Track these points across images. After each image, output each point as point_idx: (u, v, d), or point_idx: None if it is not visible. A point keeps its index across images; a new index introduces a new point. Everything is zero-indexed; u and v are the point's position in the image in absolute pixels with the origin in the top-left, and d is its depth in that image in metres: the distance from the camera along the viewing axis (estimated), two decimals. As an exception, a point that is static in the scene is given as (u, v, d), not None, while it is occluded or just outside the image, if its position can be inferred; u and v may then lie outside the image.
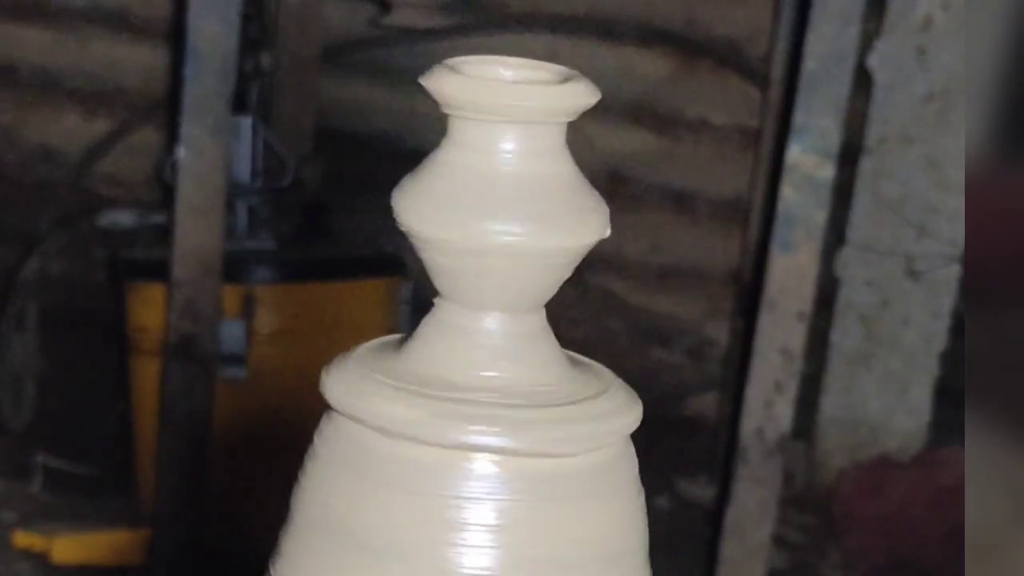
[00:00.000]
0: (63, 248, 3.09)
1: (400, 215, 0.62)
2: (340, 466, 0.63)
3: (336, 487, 0.63)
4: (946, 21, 2.78)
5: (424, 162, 0.63)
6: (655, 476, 3.05)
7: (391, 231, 0.63)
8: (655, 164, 3.22)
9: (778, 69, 3.03)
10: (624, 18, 3.17)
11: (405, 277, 2.85)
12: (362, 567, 0.62)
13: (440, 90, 0.61)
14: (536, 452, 0.61)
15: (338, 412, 0.63)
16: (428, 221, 0.61)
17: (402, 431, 0.61)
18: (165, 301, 2.51)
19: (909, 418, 2.93)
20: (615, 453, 0.64)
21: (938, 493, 2.86)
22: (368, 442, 0.62)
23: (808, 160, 2.69)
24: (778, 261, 2.69)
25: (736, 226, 3.19)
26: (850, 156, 2.82)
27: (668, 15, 3.16)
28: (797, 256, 2.68)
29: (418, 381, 0.63)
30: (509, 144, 0.61)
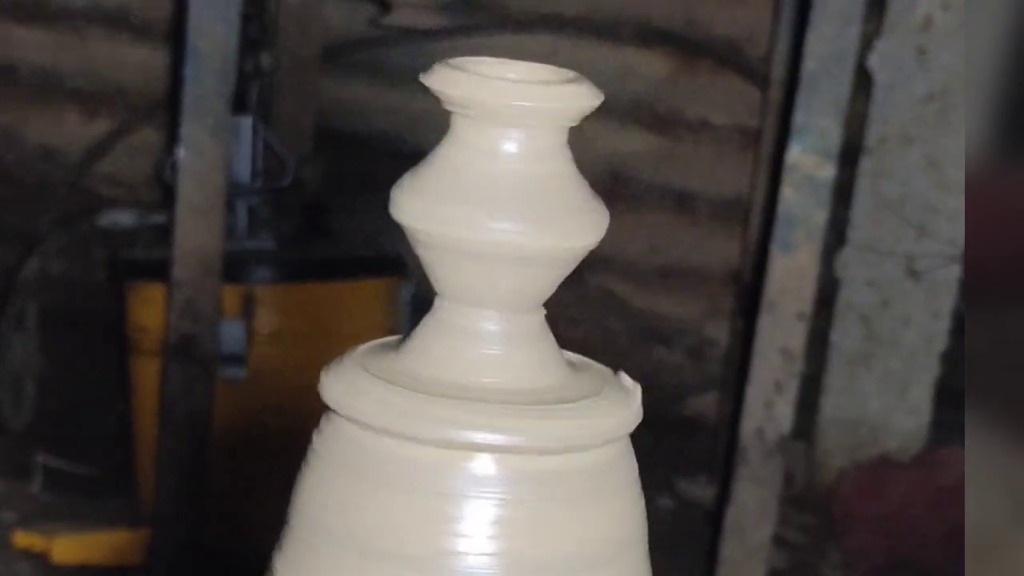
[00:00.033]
0: (63, 248, 3.09)
1: (400, 213, 0.62)
2: (339, 466, 0.63)
3: (335, 487, 0.63)
4: (946, 21, 2.78)
5: (424, 160, 0.63)
6: (655, 476, 3.05)
7: (391, 231, 0.63)
8: (655, 164, 3.22)
9: (778, 69, 3.03)
10: (624, 18, 3.17)
11: (405, 277, 2.85)
12: (361, 567, 0.62)
13: (444, 89, 0.61)
14: (536, 451, 0.61)
15: (337, 412, 0.63)
16: (428, 219, 0.61)
17: (401, 431, 0.61)
18: (165, 301, 2.51)
19: (909, 418, 2.93)
20: (615, 453, 0.64)
21: (938, 493, 2.86)
22: (367, 442, 0.62)
23: (808, 160, 2.69)
24: (778, 261, 2.69)
25: (736, 226, 3.19)
26: (850, 156, 2.82)
27: (668, 15, 3.16)
28: (797, 256, 2.68)
29: (417, 381, 0.63)
30: (511, 144, 0.61)
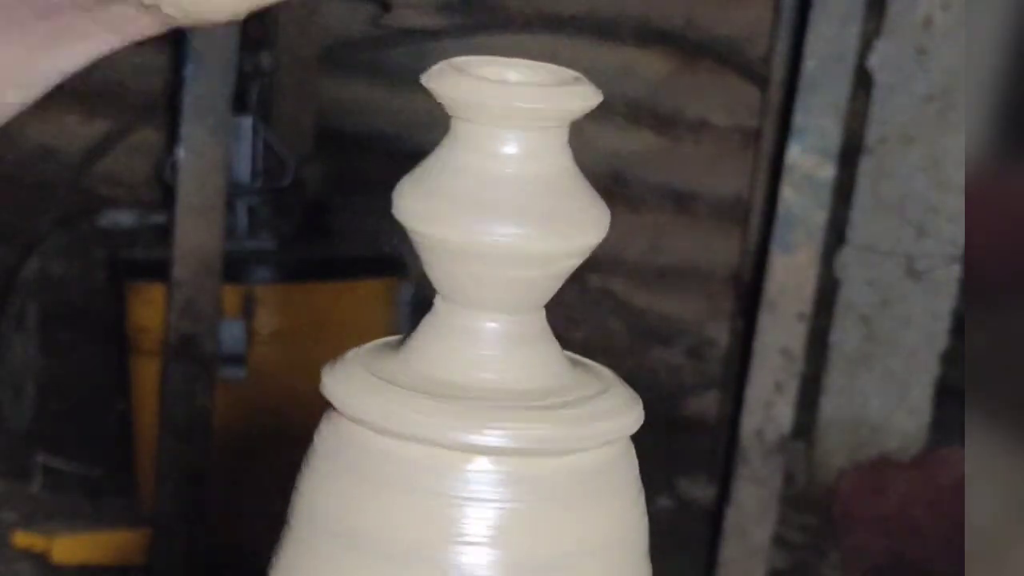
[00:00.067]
0: (63, 248, 3.09)
1: (400, 214, 0.62)
2: (340, 466, 0.63)
3: (336, 487, 0.63)
4: (946, 21, 2.78)
5: (425, 161, 0.63)
6: (655, 476, 3.05)
7: (391, 231, 0.63)
8: (655, 164, 3.22)
9: (778, 69, 3.03)
10: (624, 18, 3.17)
11: (405, 277, 2.85)
12: (362, 567, 0.62)
13: (443, 90, 0.61)
14: (536, 452, 0.61)
15: (338, 412, 0.63)
16: (428, 220, 0.61)
17: (402, 431, 0.61)
18: (165, 301, 2.51)
19: (909, 418, 2.93)
20: (615, 453, 0.64)
21: (938, 493, 2.86)
22: (368, 442, 0.62)
23: (808, 160, 2.69)
24: (778, 261, 2.69)
25: (736, 226, 3.19)
26: (850, 156, 2.82)
27: (668, 15, 3.16)
28: (797, 256, 2.68)
29: (418, 381, 0.63)
30: (511, 145, 0.61)
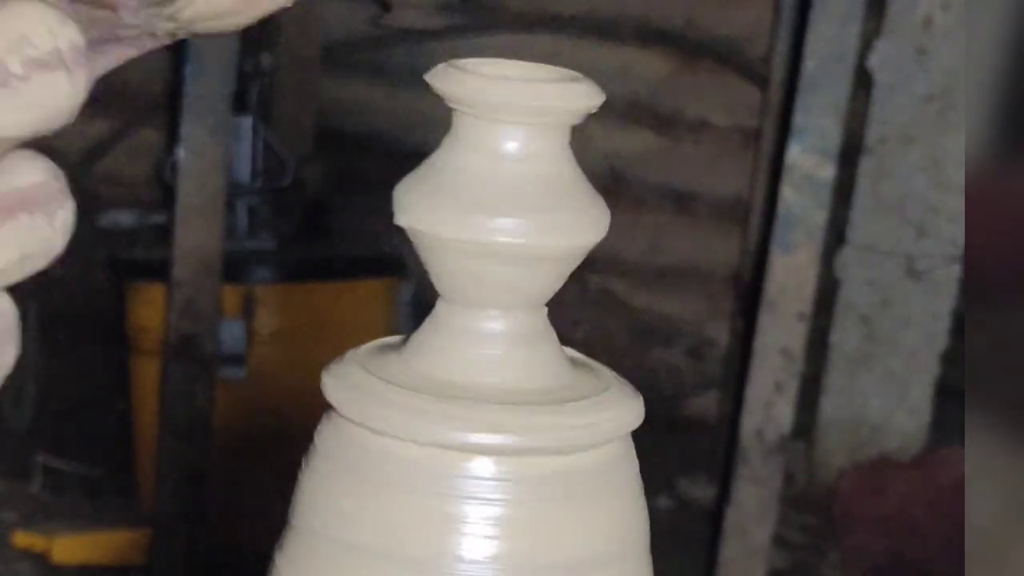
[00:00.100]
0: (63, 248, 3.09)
1: (401, 214, 0.62)
2: (340, 466, 0.63)
3: (336, 487, 0.63)
4: (946, 21, 2.78)
5: (426, 161, 0.63)
6: (655, 476, 3.05)
7: (391, 231, 0.63)
8: (655, 164, 3.22)
9: (778, 69, 3.03)
10: (624, 18, 3.17)
11: (405, 277, 2.85)
12: (361, 567, 0.62)
13: (447, 87, 0.61)
14: (536, 451, 0.61)
15: (338, 412, 0.63)
16: (428, 220, 0.61)
17: (402, 431, 0.61)
18: (165, 301, 2.51)
19: (909, 418, 2.93)
20: (616, 453, 0.64)
21: (938, 493, 2.86)
22: (368, 442, 0.62)
23: (808, 160, 2.69)
24: (778, 261, 2.69)
25: (736, 226, 3.19)
26: (850, 156, 2.82)
27: (668, 15, 3.16)
28: (797, 256, 2.68)
29: (418, 381, 0.63)
30: (512, 144, 0.61)
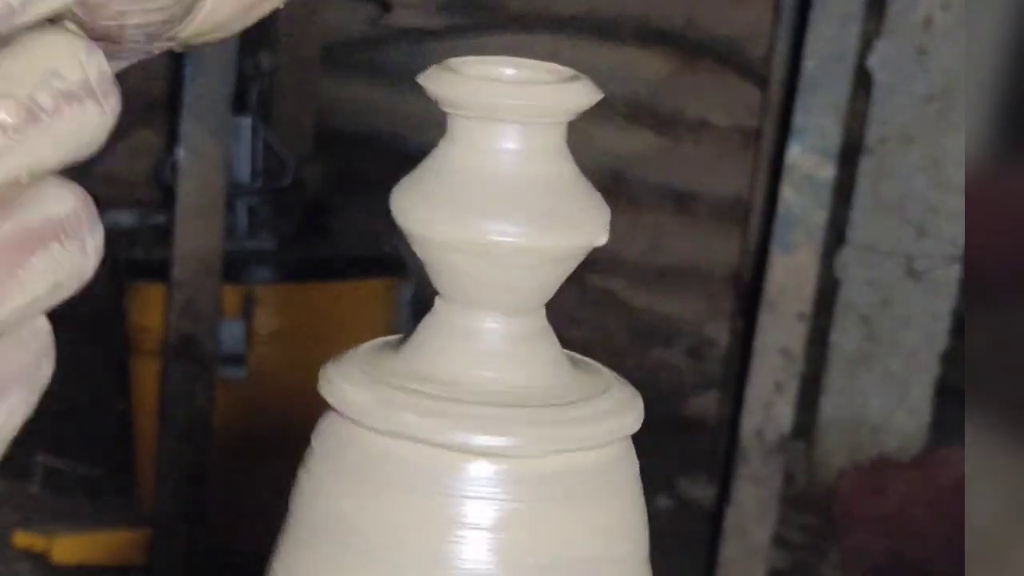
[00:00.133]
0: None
1: (399, 215, 0.62)
2: (339, 466, 0.63)
3: (335, 487, 0.63)
4: (946, 21, 2.78)
5: (423, 162, 0.63)
6: (655, 476, 3.05)
7: (391, 231, 0.63)
8: (655, 164, 3.22)
9: (778, 69, 3.03)
10: (624, 18, 3.17)
11: (405, 277, 2.85)
12: (361, 567, 0.62)
13: (439, 89, 0.61)
14: (536, 452, 0.61)
15: (337, 412, 0.63)
16: (427, 221, 0.61)
17: (401, 431, 0.61)
18: (165, 301, 2.51)
19: (909, 418, 2.93)
20: (616, 453, 0.64)
21: (938, 493, 2.86)
22: (367, 442, 0.62)
23: (808, 160, 2.69)
24: (778, 261, 2.69)
25: (736, 226, 3.19)
26: (850, 156, 2.82)
27: (668, 15, 3.16)
28: (797, 256, 2.68)
29: (418, 381, 0.63)
30: (509, 144, 0.61)
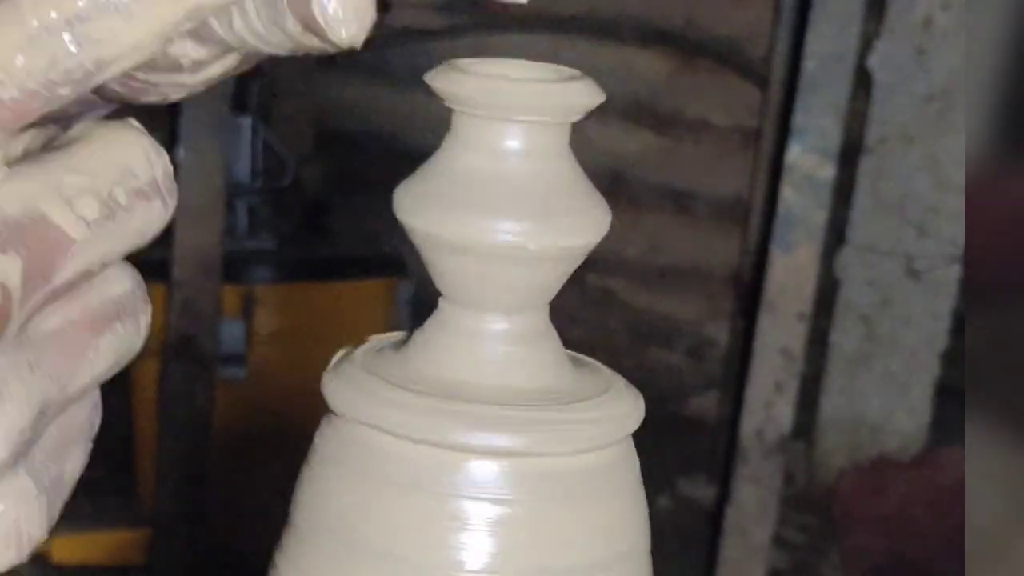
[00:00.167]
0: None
1: (402, 214, 0.62)
2: (340, 466, 0.63)
3: (336, 487, 0.63)
4: (946, 21, 2.78)
5: (427, 161, 0.63)
6: (655, 476, 3.05)
7: (391, 231, 0.63)
8: (655, 164, 3.22)
9: (778, 69, 3.03)
10: (624, 18, 3.17)
11: (405, 277, 2.85)
12: (362, 567, 0.62)
13: (446, 87, 0.61)
14: (537, 452, 0.61)
15: (338, 412, 0.63)
16: (430, 220, 0.61)
17: (403, 431, 0.61)
18: (165, 301, 2.51)
19: (909, 418, 2.93)
20: (616, 453, 0.64)
21: (938, 493, 2.86)
22: (369, 442, 0.62)
23: (808, 160, 2.69)
24: (778, 261, 2.69)
25: (736, 226, 3.19)
26: (850, 156, 2.82)
27: (668, 15, 3.16)
28: (797, 256, 2.68)
29: (419, 381, 0.63)
30: (515, 143, 0.61)
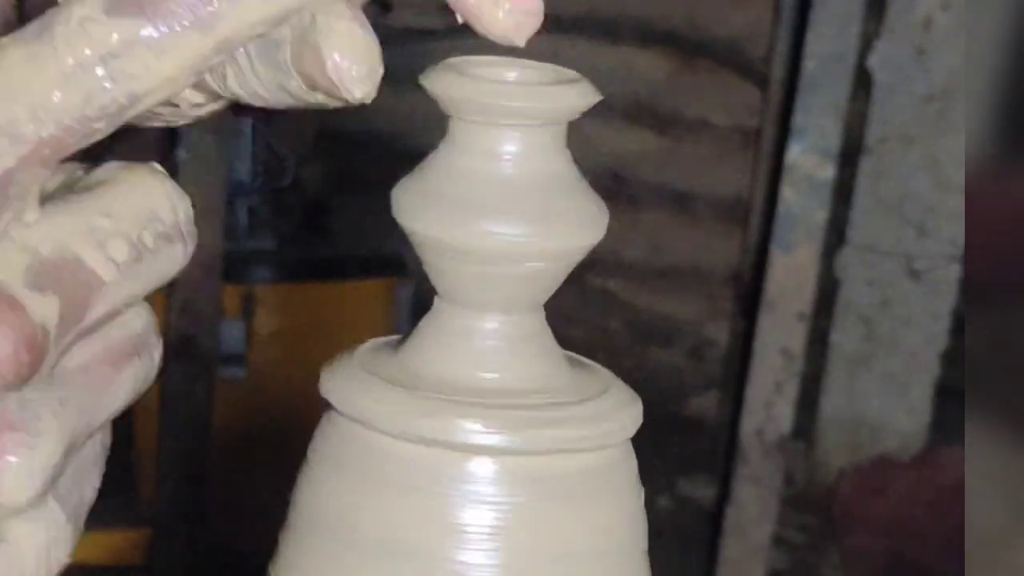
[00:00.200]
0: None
1: (400, 214, 0.62)
2: (340, 466, 0.63)
3: (336, 487, 0.63)
4: (946, 21, 2.78)
5: (424, 162, 0.63)
6: (655, 476, 3.05)
7: (391, 231, 0.63)
8: (655, 164, 3.22)
9: (778, 69, 3.03)
10: (624, 18, 3.17)
11: (405, 277, 2.85)
12: (362, 567, 0.62)
13: (440, 90, 0.61)
14: (536, 452, 0.61)
15: (338, 412, 0.63)
16: (427, 221, 0.61)
17: (402, 431, 0.61)
18: (165, 301, 2.51)
19: (909, 418, 2.93)
20: (615, 454, 0.64)
21: (938, 493, 2.86)
22: (368, 442, 0.62)
23: (808, 160, 2.69)
24: (778, 261, 2.69)
25: (736, 226, 3.19)
26: (850, 156, 2.82)
27: (668, 15, 3.16)
28: (797, 256, 2.68)
29: (418, 381, 0.63)
30: (510, 145, 0.61)
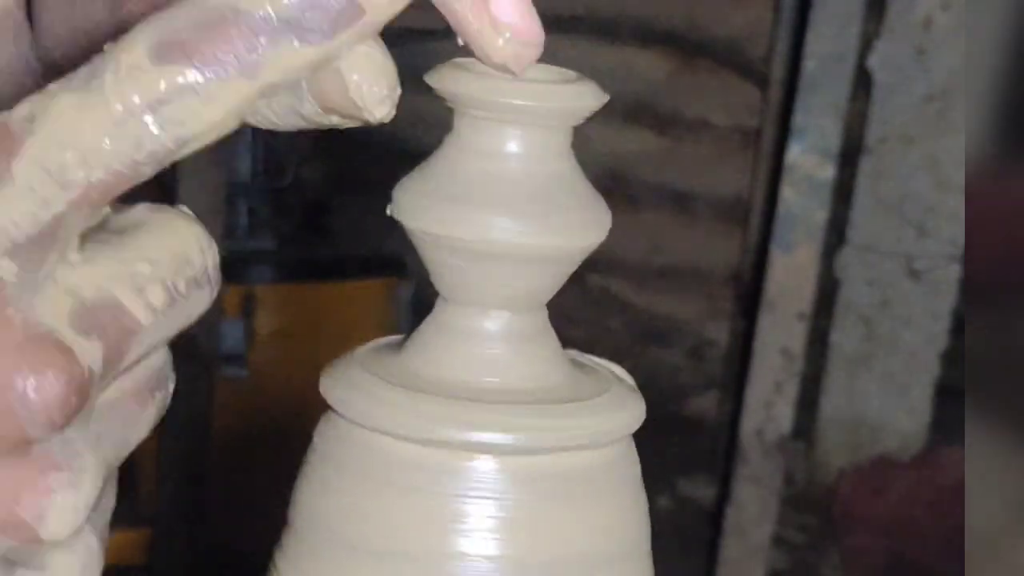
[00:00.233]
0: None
1: (401, 214, 0.62)
2: (340, 466, 0.63)
3: (336, 488, 0.63)
4: (946, 21, 2.78)
5: (426, 160, 0.63)
6: (655, 476, 3.05)
7: (391, 231, 0.63)
8: (655, 164, 3.23)
9: (778, 69, 3.03)
10: (624, 18, 3.17)
11: (405, 277, 2.85)
12: (362, 567, 0.62)
13: (448, 88, 0.61)
14: (537, 451, 0.61)
15: (338, 413, 0.63)
16: (429, 220, 0.61)
17: (402, 431, 0.61)
18: (165, 301, 2.51)
19: (909, 418, 2.94)
20: (617, 453, 0.64)
21: (938, 493, 2.86)
22: (368, 442, 0.62)
23: (808, 160, 2.69)
24: (778, 261, 2.69)
25: (736, 226, 3.19)
26: (850, 156, 2.82)
27: (668, 15, 3.16)
28: (797, 256, 2.68)
29: (418, 381, 0.63)
30: (515, 143, 0.61)
